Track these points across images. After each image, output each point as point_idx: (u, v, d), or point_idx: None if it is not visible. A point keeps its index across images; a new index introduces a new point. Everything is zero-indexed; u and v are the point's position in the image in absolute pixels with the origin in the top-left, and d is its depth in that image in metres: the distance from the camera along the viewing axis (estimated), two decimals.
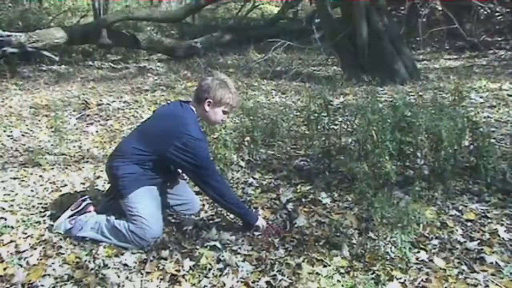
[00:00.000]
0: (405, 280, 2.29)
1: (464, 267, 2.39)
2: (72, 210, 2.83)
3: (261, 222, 2.76)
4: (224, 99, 2.70)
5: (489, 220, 2.81)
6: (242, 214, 2.79)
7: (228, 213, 2.95)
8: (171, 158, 2.61)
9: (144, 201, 2.66)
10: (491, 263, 2.40)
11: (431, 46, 9.06)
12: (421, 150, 3.32)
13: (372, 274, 2.35)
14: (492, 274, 2.32)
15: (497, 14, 9.91)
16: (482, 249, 2.53)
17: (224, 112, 2.76)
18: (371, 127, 3.20)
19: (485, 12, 9.88)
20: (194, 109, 2.75)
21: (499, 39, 9.21)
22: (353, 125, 3.97)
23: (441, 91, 5.50)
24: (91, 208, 2.86)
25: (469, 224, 2.79)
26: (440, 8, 9.16)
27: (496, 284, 2.24)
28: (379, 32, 6.34)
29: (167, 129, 2.65)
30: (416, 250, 2.51)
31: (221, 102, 2.70)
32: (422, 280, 2.28)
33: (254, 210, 3.01)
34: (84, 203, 2.87)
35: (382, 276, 2.30)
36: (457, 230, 2.71)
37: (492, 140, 3.32)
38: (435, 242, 2.61)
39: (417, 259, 2.45)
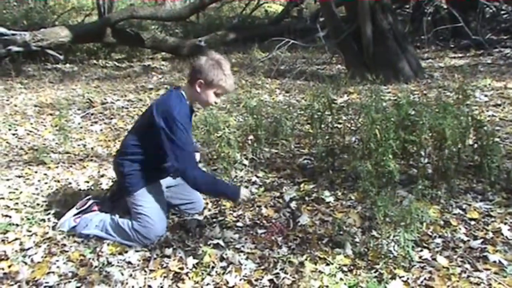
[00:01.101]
0: (408, 279, 2.29)
1: (467, 265, 2.38)
2: (77, 209, 2.85)
3: (244, 195, 2.65)
4: (216, 80, 2.58)
5: (493, 219, 2.80)
6: (221, 196, 2.73)
7: (232, 212, 2.97)
8: (154, 133, 2.54)
9: (150, 200, 2.68)
10: (495, 261, 2.40)
11: (436, 45, 9.02)
12: (425, 148, 3.31)
13: (375, 272, 2.35)
14: (495, 273, 2.31)
15: (502, 12, 9.86)
16: (485, 247, 2.52)
17: (217, 94, 2.65)
18: (375, 126, 3.19)
19: (491, 11, 9.84)
20: (184, 92, 2.68)
21: (505, 37, 9.16)
22: (357, 123, 3.97)
23: (445, 90, 5.48)
24: (96, 207, 2.88)
25: (472, 223, 2.78)
26: (445, 6, 9.13)
27: (499, 283, 2.24)
28: (383, 30, 6.32)
29: (152, 111, 2.61)
30: (419, 248, 2.51)
31: (213, 84, 2.59)
32: (425, 279, 2.28)
33: (233, 185, 2.87)
34: (89, 202, 2.89)
35: (385, 275, 2.30)
36: (460, 229, 2.71)
37: (497, 139, 3.30)
38: (438, 240, 2.60)
39: (420, 257, 2.45)
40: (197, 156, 2.93)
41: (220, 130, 3.63)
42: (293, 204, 3.10)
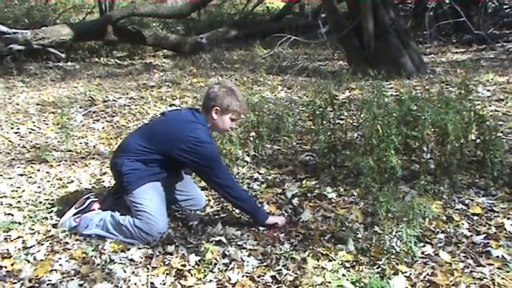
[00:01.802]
0: (410, 274, 2.28)
1: (470, 261, 2.38)
2: (76, 208, 2.85)
3: (271, 222, 2.76)
4: (231, 106, 2.72)
5: (496, 214, 2.79)
6: (251, 213, 2.80)
7: (234, 209, 2.97)
8: (178, 159, 2.65)
9: (149, 197, 2.68)
10: (497, 256, 2.39)
11: (438, 40, 8.99)
12: (427, 144, 3.30)
13: (377, 268, 2.35)
14: (498, 268, 2.31)
15: (505, 7, 9.82)
16: (488, 242, 2.51)
17: (232, 120, 2.79)
18: (377, 122, 3.18)
19: (493, 5, 9.81)
20: (203, 117, 2.77)
21: (507, 32, 9.13)
22: (359, 119, 3.97)
23: (448, 85, 5.46)
24: (96, 205, 2.88)
25: (475, 218, 2.77)
26: (447, 1, 9.09)
27: (502, 278, 2.23)
28: (385, 26, 6.30)
29: (175, 132, 2.68)
30: (421, 244, 2.51)
31: (228, 110, 2.73)
32: (427, 274, 2.28)
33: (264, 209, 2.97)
34: (88, 201, 2.89)
35: (387, 270, 2.30)
36: (463, 224, 2.70)
37: (499, 134, 3.30)
38: (441, 236, 2.60)
39: (422, 253, 2.44)
40: None
41: None
42: (295, 201, 3.10)
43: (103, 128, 4.90)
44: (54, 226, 2.86)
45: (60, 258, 2.54)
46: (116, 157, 2.79)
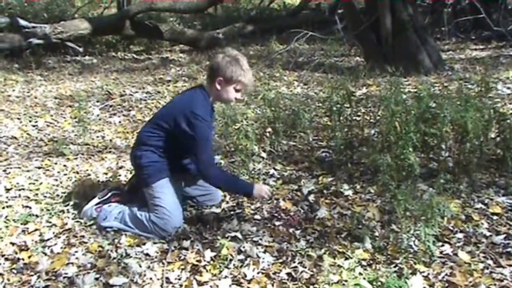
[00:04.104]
0: (428, 274, 2.25)
1: (489, 261, 2.34)
2: (99, 198, 2.87)
3: (258, 192, 2.65)
4: (235, 76, 2.60)
5: None
6: (236, 192, 2.80)
7: (249, 205, 2.96)
8: (176, 134, 2.60)
9: (167, 191, 2.68)
10: None
11: (456, 36, 8.86)
12: (446, 142, 3.26)
13: (394, 267, 2.32)
14: None
15: None
16: (508, 243, 2.47)
17: (237, 90, 2.67)
18: (395, 119, 3.15)
19: None
20: (206, 91, 2.70)
21: None
22: (376, 116, 3.93)
23: (466, 82, 5.38)
24: (117, 198, 2.90)
25: (495, 217, 2.73)
26: None
27: None
28: (403, 22, 6.22)
29: (175, 109, 2.66)
30: (440, 243, 2.47)
31: (232, 80, 2.61)
32: (446, 274, 2.25)
33: (249, 182, 2.89)
34: (110, 193, 2.91)
35: (405, 270, 2.27)
36: (482, 224, 2.66)
37: None
38: (460, 235, 2.56)
39: (441, 252, 2.41)
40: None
41: (238, 122, 3.62)
42: (311, 197, 3.08)
43: (119, 122, 4.92)
44: (71, 219, 2.88)
45: (76, 252, 2.56)
46: (134, 149, 2.80)
